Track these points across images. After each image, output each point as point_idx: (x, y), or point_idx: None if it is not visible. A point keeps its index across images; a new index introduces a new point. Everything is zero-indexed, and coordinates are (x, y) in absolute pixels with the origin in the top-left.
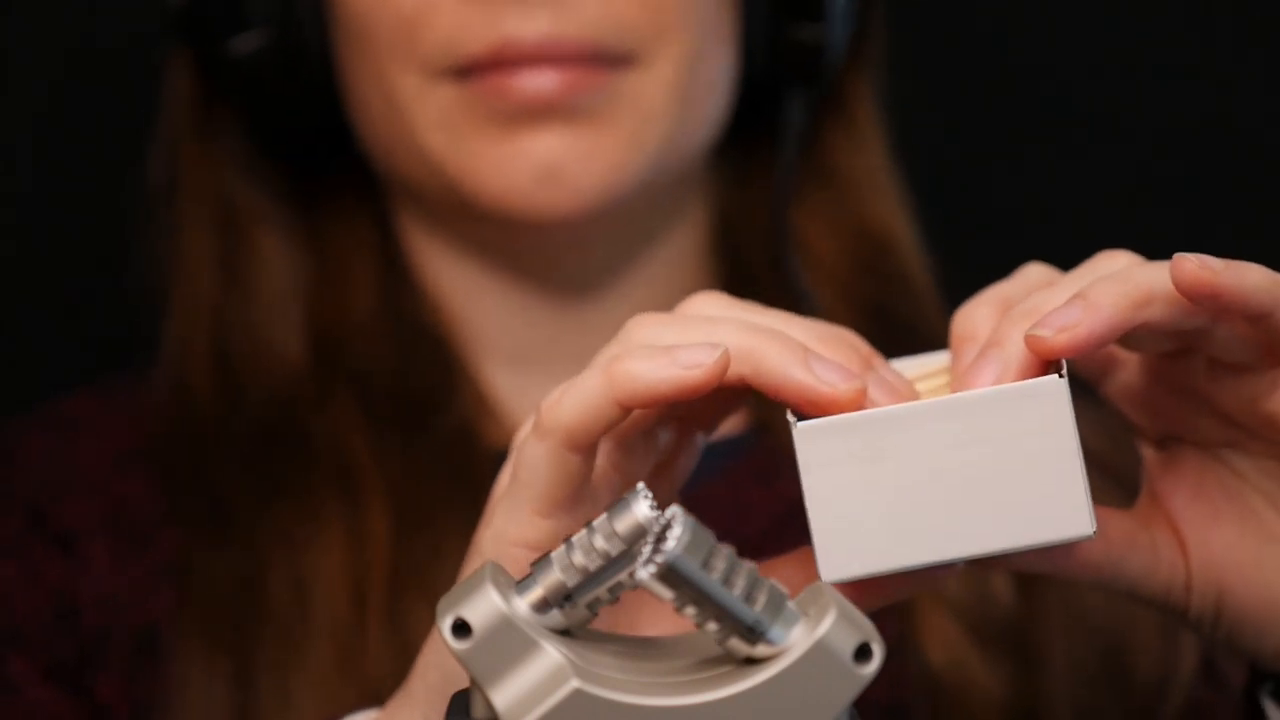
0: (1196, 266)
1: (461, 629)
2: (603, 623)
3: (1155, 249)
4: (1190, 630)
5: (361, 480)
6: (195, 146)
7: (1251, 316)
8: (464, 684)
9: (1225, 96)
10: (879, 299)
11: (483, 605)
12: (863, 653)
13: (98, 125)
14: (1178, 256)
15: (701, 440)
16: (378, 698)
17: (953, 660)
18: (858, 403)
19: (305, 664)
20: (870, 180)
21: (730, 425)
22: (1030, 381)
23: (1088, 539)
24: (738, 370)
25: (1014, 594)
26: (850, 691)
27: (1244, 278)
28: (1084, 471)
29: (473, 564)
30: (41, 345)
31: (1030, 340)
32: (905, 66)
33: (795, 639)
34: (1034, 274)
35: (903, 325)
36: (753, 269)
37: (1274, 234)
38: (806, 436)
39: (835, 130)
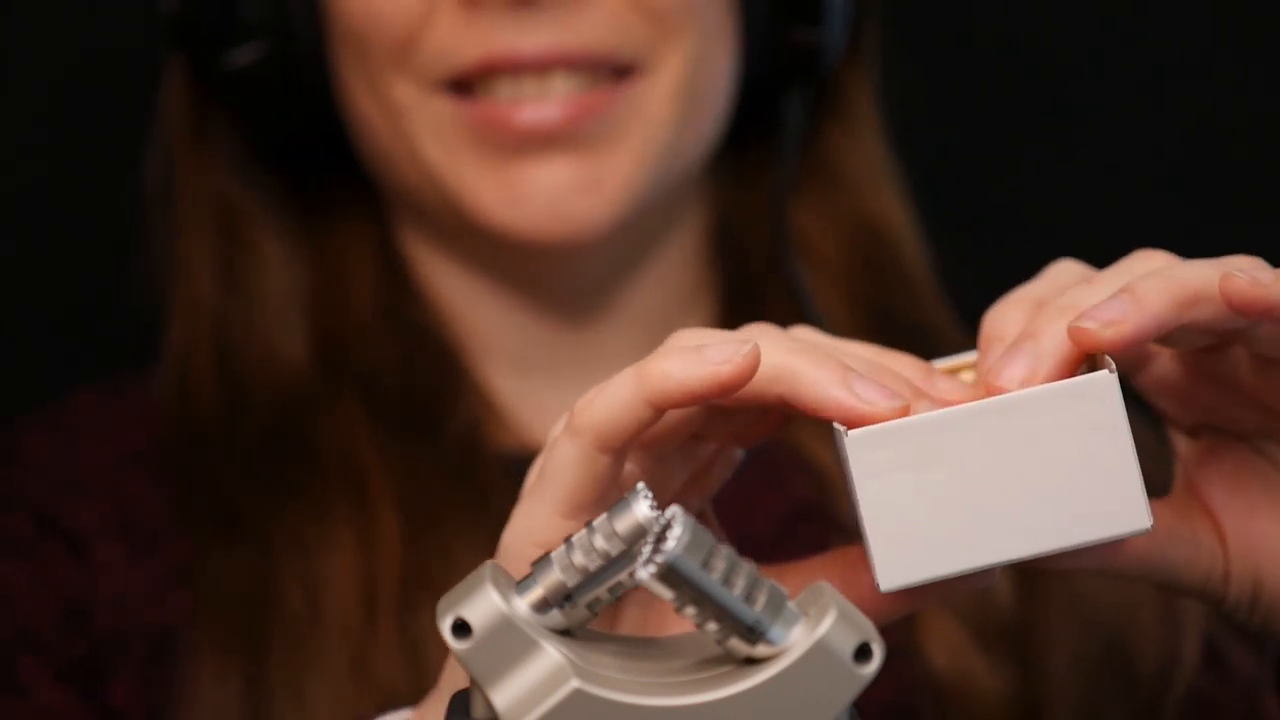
0: (1248, 284)
1: (461, 629)
2: (624, 623)
3: (1154, 247)
4: (1226, 617)
5: (369, 482)
6: (191, 151)
7: None
8: None
9: (1225, 96)
10: (880, 298)
11: (482, 605)
12: (863, 653)
13: (98, 125)
14: (1226, 272)
15: (740, 455)
16: (390, 698)
17: (956, 662)
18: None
19: (317, 666)
20: (869, 176)
21: None
22: (1082, 378)
23: (1145, 533)
24: (774, 390)
25: (1015, 593)
26: (850, 691)
27: None
28: (1138, 466)
29: None
30: (41, 345)
31: (1074, 332)
32: (904, 65)
33: (795, 639)
34: (1065, 271)
35: (903, 323)
36: (754, 269)
37: (1274, 234)
38: (858, 445)
39: (833, 127)
